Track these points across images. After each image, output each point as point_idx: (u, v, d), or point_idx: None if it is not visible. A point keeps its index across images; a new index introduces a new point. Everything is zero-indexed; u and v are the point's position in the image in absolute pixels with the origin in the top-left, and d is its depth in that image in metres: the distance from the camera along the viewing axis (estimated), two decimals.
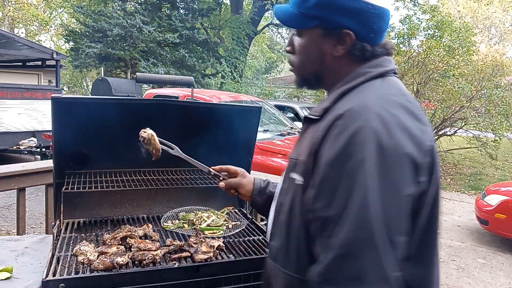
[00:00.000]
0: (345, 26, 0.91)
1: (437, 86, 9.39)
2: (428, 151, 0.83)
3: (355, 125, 0.79)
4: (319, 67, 0.98)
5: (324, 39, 0.95)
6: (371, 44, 0.94)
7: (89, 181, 1.74)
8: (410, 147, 0.79)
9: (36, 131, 8.73)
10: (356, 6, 0.90)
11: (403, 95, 0.90)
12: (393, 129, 0.79)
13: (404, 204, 0.79)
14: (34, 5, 26.70)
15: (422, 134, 0.83)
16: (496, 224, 5.12)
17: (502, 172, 10.08)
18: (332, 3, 0.91)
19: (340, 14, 0.91)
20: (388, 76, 0.94)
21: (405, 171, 0.78)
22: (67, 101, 1.63)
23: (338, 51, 0.94)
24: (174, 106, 1.92)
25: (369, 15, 0.91)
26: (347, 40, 0.93)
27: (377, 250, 0.75)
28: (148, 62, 13.00)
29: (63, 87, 17.97)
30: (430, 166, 0.84)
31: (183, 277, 1.35)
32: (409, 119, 0.84)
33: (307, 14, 0.95)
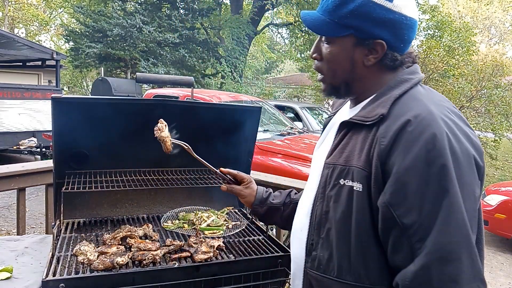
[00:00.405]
0: (378, 37, 0.93)
1: (437, 86, 9.40)
2: (483, 154, 0.88)
3: (430, 132, 0.81)
4: (349, 76, 0.99)
5: (356, 48, 0.95)
6: (401, 54, 0.96)
7: (89, 181, 1.73)
8: (473, 151, 0.84)
9: (36, 131, 8.73)
10: (391, 17, 0.91)
11: (448, 102, 0.95)
12: (458, 135, 0.84)
13: (476, 206, 0.84)
14: (34, 5, 26.69)
15: (476, 138, 0.88)
16: (496, 224, 5.12)
17: (502, 172, 10.08)
18: (368, 13, 0.91)
19: (375, 24, 0.92)
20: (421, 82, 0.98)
21: (474, 174, 0.83)
22: (67, 101, 1.63)
23: (369, 60, 0.96)
24: (174, 106, 1.92)
25: (402, 26, 0.93)
26: (378, 49, 0.94)
27: (470, 251, 0.79)
28: (148, 62, 13.00)
29: (63, 87, 17.97)
30: (483, 170, 0.88)
31: (183, 277, 1.35)
32: (464, 124, 0.88)
33: (341, 23, 0.94)
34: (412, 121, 0.84)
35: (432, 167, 0.79)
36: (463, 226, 0.79)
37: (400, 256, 0.84)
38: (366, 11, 0.91)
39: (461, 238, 0.78)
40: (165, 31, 13.46)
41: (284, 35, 22.48)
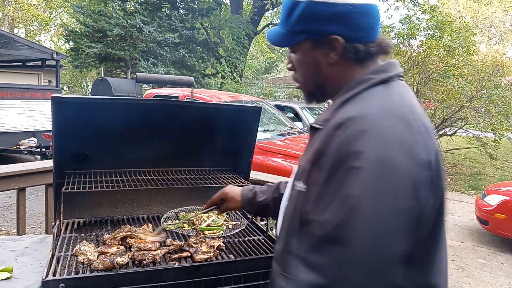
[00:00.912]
0: (331, 33, 0.92)
1: (437, 86, 9.39)
2: (425, 165, 0.80)
3: (350, 135, 0.80)
4: (319, 79, 0.99)
5: (315, 50, 0.96)
6: (364, 43, 0.94)
7: (89, 181, 1.73)
8: (405, 162, 0.77)
9: (36, 131, 8.73)
10: (335, 10, 0.90)
11: (405, 105, 0.87)
12: (390, 142, 0.78)
13: (400, 219, 0.77)
14: (34, 5, 26.70)
15: (420, 148, 0.81)
16: (496, 224, 5.12)
17: (502, 172, 10.09)
18: (312, 14, 0.92)
19: (323, 22, 0.92)
20: (393, 81, 0.93)
21: (399, 186, 0.77)
22: (67, 101, 1.63)
23: (331, 58, 0.95)
24: (174, 106, 1.92)
25: (351, 15, 0.91)
26: (337, 45, 0.93)
27: (366, 261, 0.76)
28: (148, 62, 12.99)
29: (63, 87, 17.97)
30: (430, 180, 0.81)
31: (183, 277, 1.35)
32: (408, 132, 0.81)
33: (293, 31, 0.97)
34: (342, 124, 0.83)
35: (345, 170, 0.78)
36: (367, 234, 0.75)
37: (312, 256, 0.84)
38: (310, 12, 0.92)
39: (362, 246, 0.76)
40: (165, 31, 13.45)
41: None
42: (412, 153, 0.79)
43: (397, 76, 0.95)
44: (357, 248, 0.76)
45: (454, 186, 8.85)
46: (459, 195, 8.21)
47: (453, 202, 7.59)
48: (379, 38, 0.96)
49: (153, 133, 1.87)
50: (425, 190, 0.80)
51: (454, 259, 4.78)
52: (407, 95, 0.92)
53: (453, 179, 9.41)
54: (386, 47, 0.97)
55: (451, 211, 6.86)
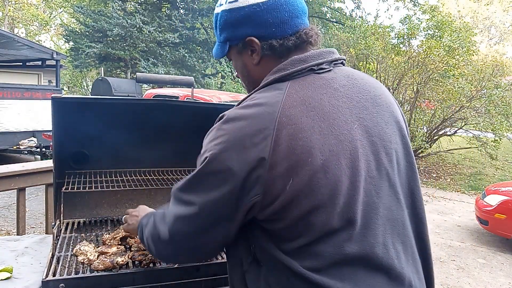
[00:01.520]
0: (245, 35, 0.96)
1: (437, 86, 9.39)
2: (257, 166, 0.82)
3: (209, 131, 0.92)
4: (251, 79, 1.04)
5: (240, 54, 1.01)
6: (280, 38, 0.95)
7: (89, 181, 1.73)
8: (232, 160, 0.83)
9: (36, 131, 8.74)
10: (243, 14, 0.95)
11: (266, 106, 0.86)
12: (223, 139, 0.85)
13: (213, 206, 0.88)
14: (34, 5, 26.70)
15: (256, 148, 0.82)
16: (496, 224, 5.12)
17: (502, 172, 10.08)
18: (225, 22, 0.98)
19: (236, 27, 0.97)
20: (294, 78, 0.91)
21: (215, 179, 0.86)
22: (67, 101, 1.62)
23: (254, 59, 0.99)
24: (174, 106, 1.92)
25: (258, 14, 0.93)
26: (254, 46, 0.97)
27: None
28: (148, 62, 13.00)
29: (63, 87, 17.97)
30: (263, 180, 0.82)
31: (183, 277, 1.35)
32: (250, 132, 0.83)
33: (221, 41, 1.04)
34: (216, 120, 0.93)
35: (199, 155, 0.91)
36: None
37: None
38: (224, 21, 0.99)
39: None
40: (165, 31, 13.46)
41: None
42: (244, 155, 0.83)
43: (309, 70, 0.92)
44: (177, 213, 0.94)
45: (454, 186, 8.85)
46: (459, 195, 8.21)
47: (453, 202, 7.59)
48: (302, 29, 0.96)
49: (153, 133, 1.87)
50: (253, 188, 0.83)
51: (454, 259, 4.78)
52: (299, 92, 0.88)
53: (453, 179, 9.41)
54: (308, 36, 0.97)
55: (451, 211, 6.87)
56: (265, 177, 0.82)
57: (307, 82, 0.91)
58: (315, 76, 0.92)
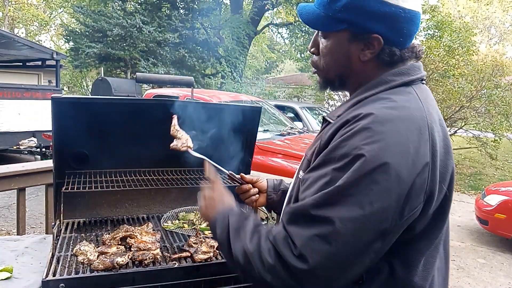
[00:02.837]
0: (374, 31, 0.89)
1: (437, 86, 9.39)
2: (423, 172, 0.79)
3: (354, 129, 0.81)
4: (345, 71, 0.97)
5: (351, 42, 0.92)
6: (400, 48, 0.92)
7: (89, 181, 1.73)
8: (400, 165, 0.76)
9: (36, 131, 8.73)
10: (386, 11, 0.87)
11: (418, 111, 0.85)
12: (387, 142, 0.77)
13: (374, 217, 0.76)
14: (34, 5, 26.69)
15: (420, 154, 0.79)
16: (496, 224, 5.12)
17: (502, 172, 10.08)
18: (361, 7, 0.88)
19: (370, 18, 0.88)
20: (414, 85, 0.92)
21: (384, 185, 0.75)
22: (67, 101, 1.63)
23: (365, 56, 0.92)
24: (174, 106, 1.91)
25: (399, 19, 0.88)
26: (375, 44, 0.90)
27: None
28: (148, 62, 12.99)
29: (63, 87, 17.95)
30: (425, 187, 0.80)
31: (183, 277, 1.35)
32: (413, 137, 0.80)
33: (335, 17, 0.92)
34: (349, 121, 0.84)
35: (338, 155, 0.80)
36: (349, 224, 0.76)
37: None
38: (360, 5, 0.88)
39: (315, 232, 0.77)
40: (165, 31, 13.44)
41: (284, 35, 22.46)
42: (410, 159, 0.78)
43: (420, 80, 0.95)
44: (326, 230, 0.77)
45: (454, 186, 8.85)
46: (459, 195, 8.20)
47: (453, 202, 7.55)
48: (416, 45, 0.97)
49: (153, 133, 1.87)
50: (422, 195, 0.80)
51: (454, 259, 4.78)
52: (426, 100, 0.91)
53: None
54: (418, 52, 0.96)
55: (451, 211, 6.85)
56: (428, 183, 0.80)
57: (424, 90, 0.94)
58: (424, 85, 0.96)
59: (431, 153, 0.81)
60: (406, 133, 0.79)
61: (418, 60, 0.97)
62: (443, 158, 0.85)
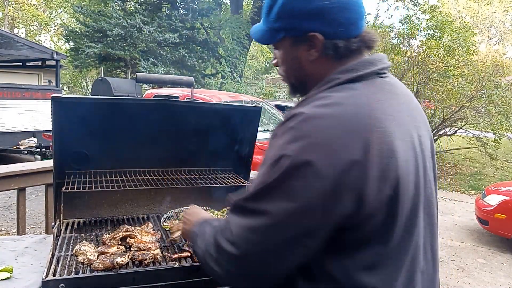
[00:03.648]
0: (310, 30, 0.90)
1: (437, 86, 9.39)
2: (350, 169, 0.77)
3: (285, 128, 0.84)
4: (301, 74, 0.99)
5: (296, 47, 0.95)
6: (344, 39, 0.91)
7: (89, 181, 1.73)
8: (321, 161, 0.76)
9: (36, 131, 8.73)
10: (313, 7, 0.89)
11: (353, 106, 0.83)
12: (311, 140, 0.78)
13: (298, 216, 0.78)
14: (34, 5, 26.69)
15: (347, 150, 0.77)
16: (496, 224, 5.12)
17: (502, 172, 10.08)
18: (290, 11, 0.91)
19: (301, 19, 0.90)
20: (364, 80, 0.89)
21: (305, 182, 0.77)
22: (67, 101, 1.63)
23: (312, 55, 0.94)
24: (174, 106, 1.92)
25: (330, 11, 0.89)
26: (316, 42, 0.91)
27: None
28: (148, 62, 12.99)
29: (63, 87, 17.95)
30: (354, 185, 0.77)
31: (183, 277, 1.35)
32: (339, 133, 0.78)
33: (273, 28, 0.96)
34: (287, 118, 0.86)
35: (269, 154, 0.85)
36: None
37: None
38: (289, 10, 0.91)
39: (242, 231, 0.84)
40: (165, 31, 13.45)
41: None
42: (334, 157, 0.77)
43: (375, 74, 0.91)
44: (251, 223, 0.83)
45: (454, 186, 8.85)
46: (459, 195, 8.21)
47: (453, 202, 7.59)
48: (363, 33, 0.94)
49: (153, 133, 1.87)
50: (346, 193, 0.77)
51: (454, 259, 4.78)
52: (375, 95, 0.87)
53: (453, 179, 9.41)
54: (369, 41, 0.95)
55: (451, 211, 6.86)
56: (358, 180, 0.77)
57: (377, 85, 0.90)
58: (380, 80, 0.92)
59: (364, 151, 0.77)
60: (332, 130, 0.79)
61: (370, 49, 0.96)
62: (386, 156, 0.80)
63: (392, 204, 0.81)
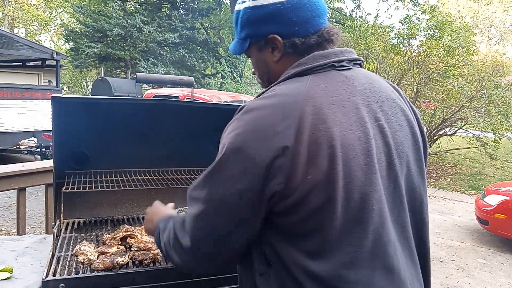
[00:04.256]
0: (268, 32, 0.97)
1: (437, 86, 9.38)
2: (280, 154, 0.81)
3: (228, 124, 0.91)
4: (270, 76, 1.04)
5: (261, 51, 1.02)
6: (302, 36, 0.96)
7: (89, 181, 1.74)
8: (252, 148, 0.83)
9: (36, 131, 8.73)
10: (267, 11, 0.95)
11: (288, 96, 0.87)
12: (244, 128, 0.85)
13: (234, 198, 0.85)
14: (34, 5, 26.70)
15: (278, 137, 0.82)
16: (496, 224, 5.12)
17: (502, 172, 10.09)
18: (249, 19, 0.99)
19: (259, 24, 0.98)
20: (315, 73, 0.92)
21: (237, 168, 0.84)
22: (67, 101, 1.63)
23: (275, 56, 1.00)
24: (174, 106, 1.92)
25: (282, 12, 0.94)
26: (277, 43, 0.97)
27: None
28: (148, 62, 13.00)
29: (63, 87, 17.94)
30: (285, 169, 0.81)
31: (183, 277, 1.35)
32: (272, 121, 0.83)
33: (241, 38, 1.04)
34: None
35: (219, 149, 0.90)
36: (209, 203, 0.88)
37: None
38: (247, 18, 0.99)
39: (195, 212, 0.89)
40: (165, 31, 13.46)
41: None
42: (266, 144, 0.82)
43: (331, 66, 0.93)
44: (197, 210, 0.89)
45: (454, 186, 8.85)
46: (459, 195, 8.20)
47: (453, 202, 7.59)
48: (324, 28, 0.98)
49: (153, 133, 1.87)
50: (278, 178, 0.82)
51: (454, 259, 4.78)
52: (319, 86, 0.89)
53: (453, 179, 9.41)
54: (330, 35, 0.98)
55: (451, 211, 6.87)
56: (288, 165, 0.81)
57: (328, 77, 0.93)
58: (335, 72, 0.94)
59: (295, 137, 0.82)
60: (265, 119, 0.84)
61: (331, 42, 0.99)
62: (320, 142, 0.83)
63: (327, 190, 0.83)
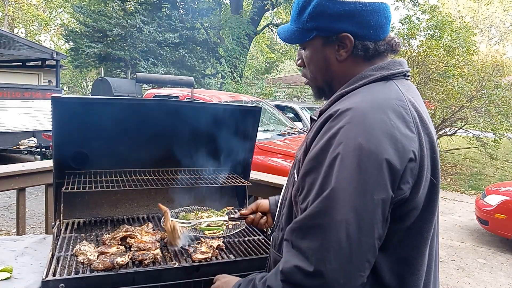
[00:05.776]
0: (342, 30, 0.94)
1: (437, 86, 9.39)
2: (412, 158, 0.81)
3: (338, 125, 0.83)
4: (328, 74, 1.01)
5: (325, 46, 0.98)
6: (373, 41, 0.95)
7: (89, 181, 1.73)
8: (390, 153, 0.79)
9: (36, 131, 8.73)
10: (347, 9, 0.92)
11: (399, 100, 0.87)
12: (374, 132, 0.80)
13: (376, 208, 0.78)
14: (34, 5, 26.69)
15: (407, 141, 0.82)
16: (496, 224, 5.12)
17: (502, 172, 10.09)
18: (324, 12, 0.94)
19: (334, 20, 0.94)
20: (395, 79, 0.94)
21: (379, 175, 0.78)
22: (67, 101, 1.62)
23: (341, 55, 0.97)
24: (174, 106, 1.92)
25: (362, 13, 0.92)
26: (347, 43, 0.95)
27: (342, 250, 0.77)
28: (148, 62, 12.99)
29: (63, 87, 17.96)
30: (414, 173, 0.82)
31: (183, 277, 1.35)
32: (397, 124, 0.82)
33: (305, 28, 0.99)
34: (333, 116, 0.86)
35: (326, 157, 0.82)
36: (341, 222, 0.77)
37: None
38: (322, 10, 0.94)
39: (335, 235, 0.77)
40: (165, 31, 13.45)
41: None
42: (398, 144, 0.80)
43: (402, 74, 0.96)
44: (335, 235, 0.77)
45: (454, 186, 8.85)
46: (459, 195, 8.20)
47: (453, 202, 7.58)
48: (389, 37, 0.98)
49: (153, 133, 1.87)
50: (407, 183, 0.82)
51: (454, 259, 4.78)
52: (408, 92, 0.92)
53: (453, 179, 9.41)
54: (395, 45, 0.99)
55: (451, 211, 6.86)
56: (417, 169, 0.82)
57: (406, 85, 0.95)
58: (406, 81, 0.97)
59: (419, 141, 0.84)
60: (390, 122, 0.82)
61: (395, 53, 1.00)
62: (430, 147, 0.87)
63: (433, 191, 0.88)
